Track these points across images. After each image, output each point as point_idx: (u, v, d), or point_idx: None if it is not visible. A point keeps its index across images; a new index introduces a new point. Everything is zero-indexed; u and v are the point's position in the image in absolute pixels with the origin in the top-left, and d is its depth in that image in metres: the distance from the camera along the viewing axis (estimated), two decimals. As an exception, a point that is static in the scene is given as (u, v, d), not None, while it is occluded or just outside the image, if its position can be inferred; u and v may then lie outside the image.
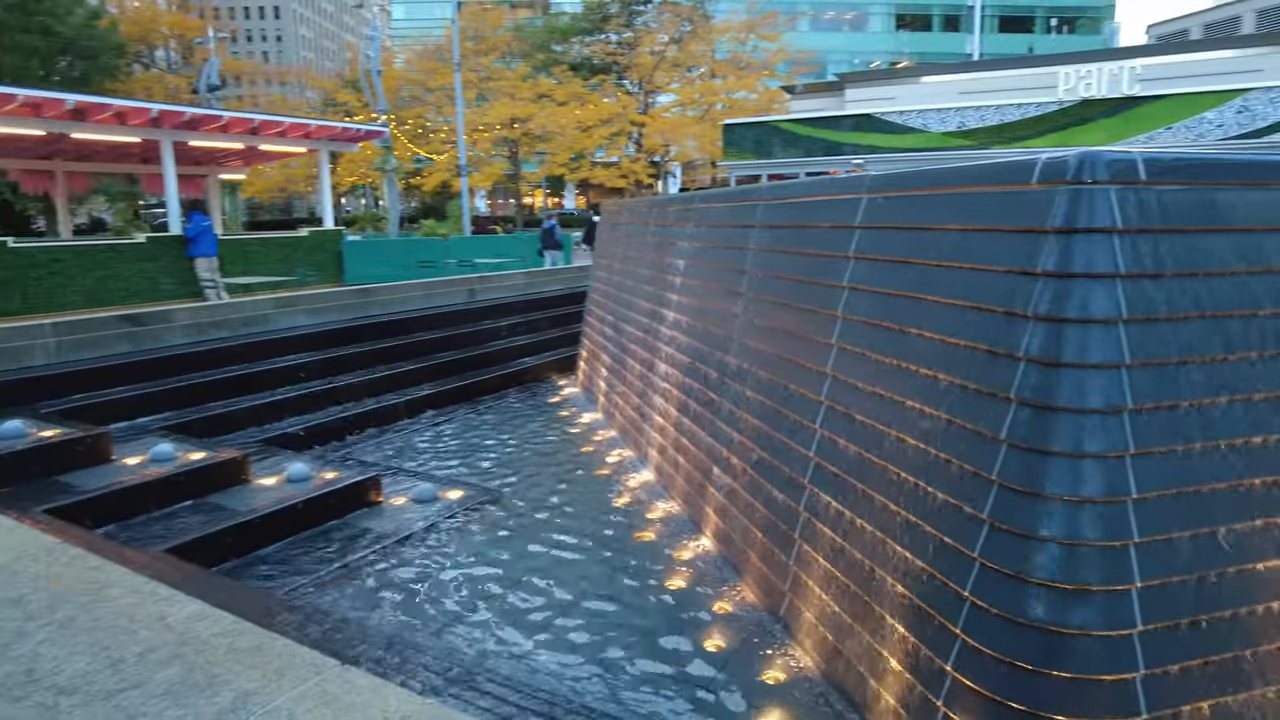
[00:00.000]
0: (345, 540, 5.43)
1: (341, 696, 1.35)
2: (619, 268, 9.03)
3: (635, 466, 6.97)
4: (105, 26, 43.24)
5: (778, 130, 27.57)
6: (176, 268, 12.72)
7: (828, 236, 4.17)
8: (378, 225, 22.91)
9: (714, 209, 6.20)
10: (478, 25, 43.63)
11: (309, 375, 8.57)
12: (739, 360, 5.15)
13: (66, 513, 4.81)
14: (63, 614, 1.68)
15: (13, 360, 7.01)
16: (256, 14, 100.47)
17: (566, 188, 57.93)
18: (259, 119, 14.04)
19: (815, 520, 3.92)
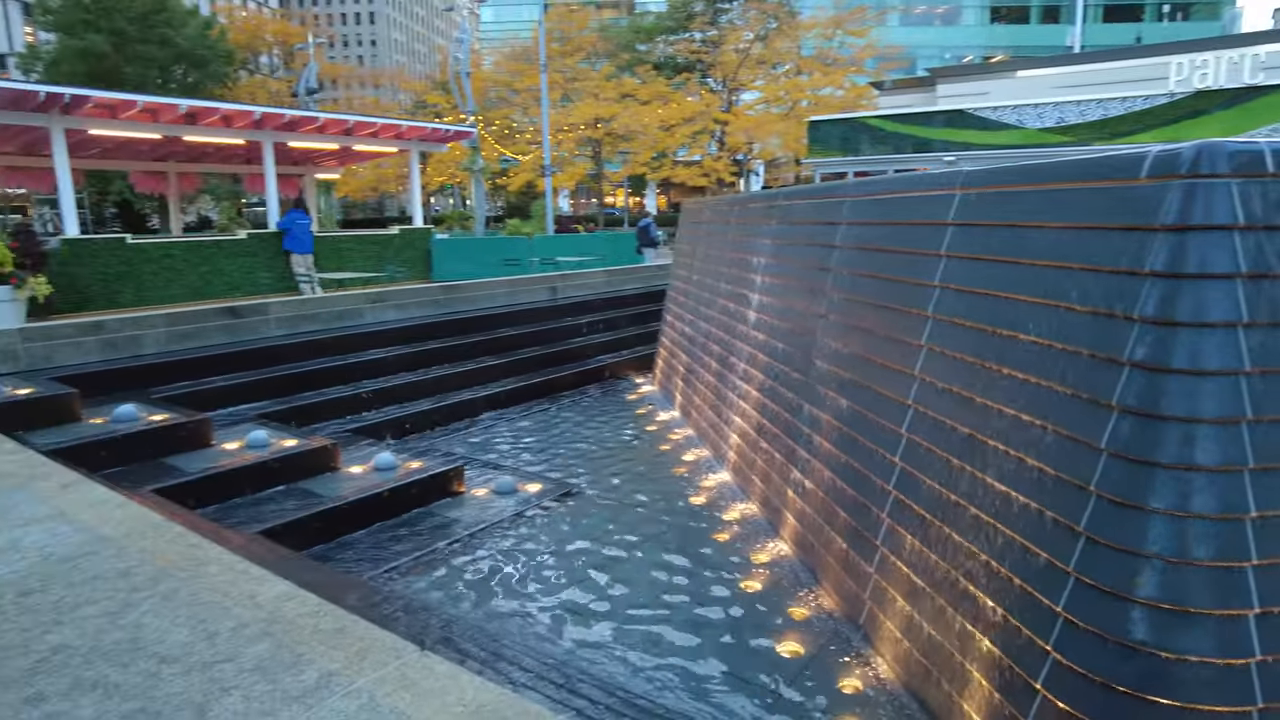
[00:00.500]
0: (428, 528, 5.56)
1: (419, 681, 1.37)
2: (699, 266, 8.98)
3: (712, 466, 6.93)
4: (216, 36, 45.64)
5: (865, 127, 26.97)
6: (274, 263, 13.31)
7: (918, 234, 4.03)
8: (465, 224, 23.44)
9: (798, 206, 6.09)
10: (564, 27, 44.22)
11: (396, 368, 8.83)
12: (822, 361, 5.04)
13: (171, 493, 5.08)
14: (165, 587, 1.75)
15: (128, 349, 7.46)
16: (353, 20, 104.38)
17: (648, 187, 58.10)
18: (353, 120, 14.56)
19: (899, 527, 3.80)
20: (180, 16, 43.30)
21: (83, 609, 1.70)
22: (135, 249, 12.01)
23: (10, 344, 6.79)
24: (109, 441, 5.60)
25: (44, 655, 1.54)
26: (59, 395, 6.00)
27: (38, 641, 1.59)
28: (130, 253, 11.94)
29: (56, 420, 5.94)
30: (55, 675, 1.48)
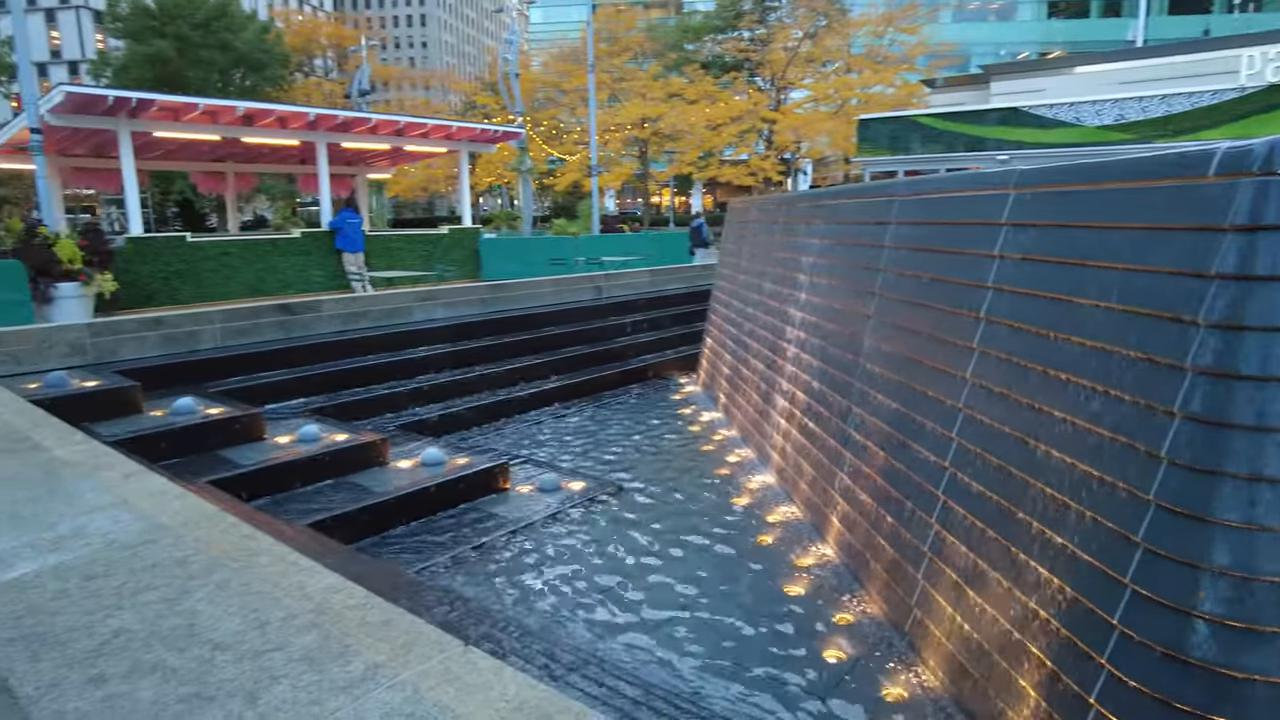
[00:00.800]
0: (473, 524, 5.63)
1: (463, 676, 1.38)
2: (745, 266, 8.93)
3: (756, 468, 6.88)
4: (272, 40, 46.83)
5: (916, 125, 26.52)
6: (327, 261, 13.61)
7: (970, 234, 3.95)
8: (512, 224, 23.69)
9: (847, 205, 6.01)
10: (612, 27, 44.39)
11: (444, 365, 8.96)
12: (870, 363, 4.97)
13: (226, 484, 5.24)
14: (219, 576, 1.80)
15: (187, 344, 7.69)
16: (404, 22, 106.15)
17: (694, 186, 57.98)
18: (404, 121, 14.80)
19: (947, 533, 3.73)
20: (240, 21, 44.56)
21: (142, 595, 1.75)
22: (195, 247, 12.39)
23: (79, 338, 7.05)
24: (168, 433, 5.79)
25: (106, 638, 1.59)
26: (123, 388, 6.22)
27: (100, 624, 1.65)
28: (190, 251, 12.32)
29: (120, 412, 6.16)
30: (116, 657, 1.53)
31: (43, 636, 1.62)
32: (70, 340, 7.03)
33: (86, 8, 66.85)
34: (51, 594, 1.81)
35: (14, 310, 9.82)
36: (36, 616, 1.70)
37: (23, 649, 1.58)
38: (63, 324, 7.31)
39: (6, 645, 1.59)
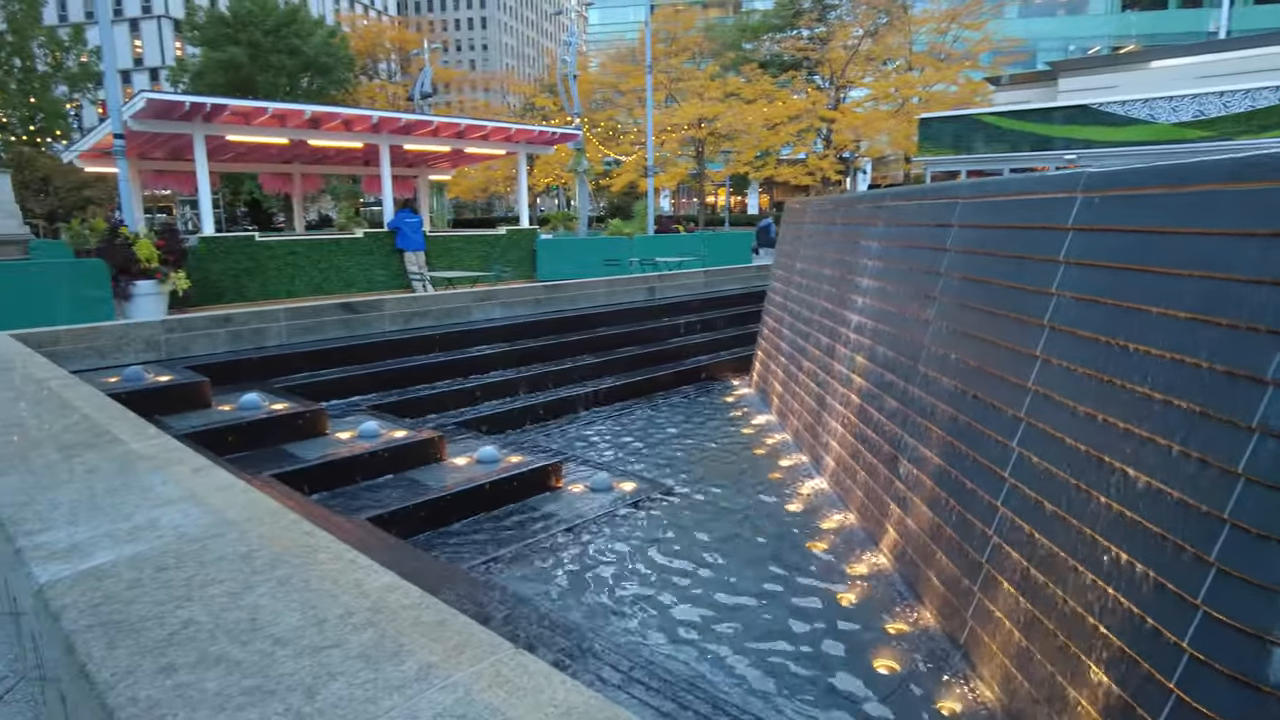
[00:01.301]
0: (526, 522, 5.69)
1: (513, 679, 1.40)
2: (800, 268, 8.84)
3: (809, 473, 6.80)
4: (339, 44, 48.08)
5: (980, 124, 25.87)
6: (389, 261, 13.92)
7: (1035, 238, 3.84)
8: (568, 224, 23.90)
9: (907, 207, 5.90)
10: (670, 27, 44.38)
11: (500, 365, 9.09)
12: (929, 368, 4.87)
13: (289, 478, 5.40)
14: (281, 572, 1.85)
15: (253, 340, 7.96)
16: (466, 25, 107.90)
17: (750, 186, 57.62)
18: (465, 124, 15.05)
19: (1006, 545, 3.63)
20: (308, 27, 45.92)
21: (209, 588, 1.82)
22: (263, 246, 12.81)
23: (154, 335, 7.35)
24: (235, 427, 5.99)
25: (176, 628, 1.66)
26: (193, 383, 6.46)
27: (171, 615, 1.71)
28: (258, 250, 12.74)
29: (190, 406, 6.40)
30: (185, 648, 1.59)
31: (119, 624, 1.70)
32: (146, 336, 7.33)
33: (167, 17, 69.72)
34: (126, 583, 1.89)
35: (98, 306, 10.31)
36: (112, 605, 1.79)
37: (100, 635, 1.66)
38: (140, 321, 7.63)
39: (85, 632, 1.67)
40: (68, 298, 10.29)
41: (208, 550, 2.04)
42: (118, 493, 2.54)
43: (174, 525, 2.22)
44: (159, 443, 3.12)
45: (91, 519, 2.32)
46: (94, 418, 3.60)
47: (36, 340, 6.72)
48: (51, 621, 1.79)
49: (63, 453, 3.04)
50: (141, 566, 1.98)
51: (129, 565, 1.99)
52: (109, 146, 13.21)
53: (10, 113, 41.67)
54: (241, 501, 2.41)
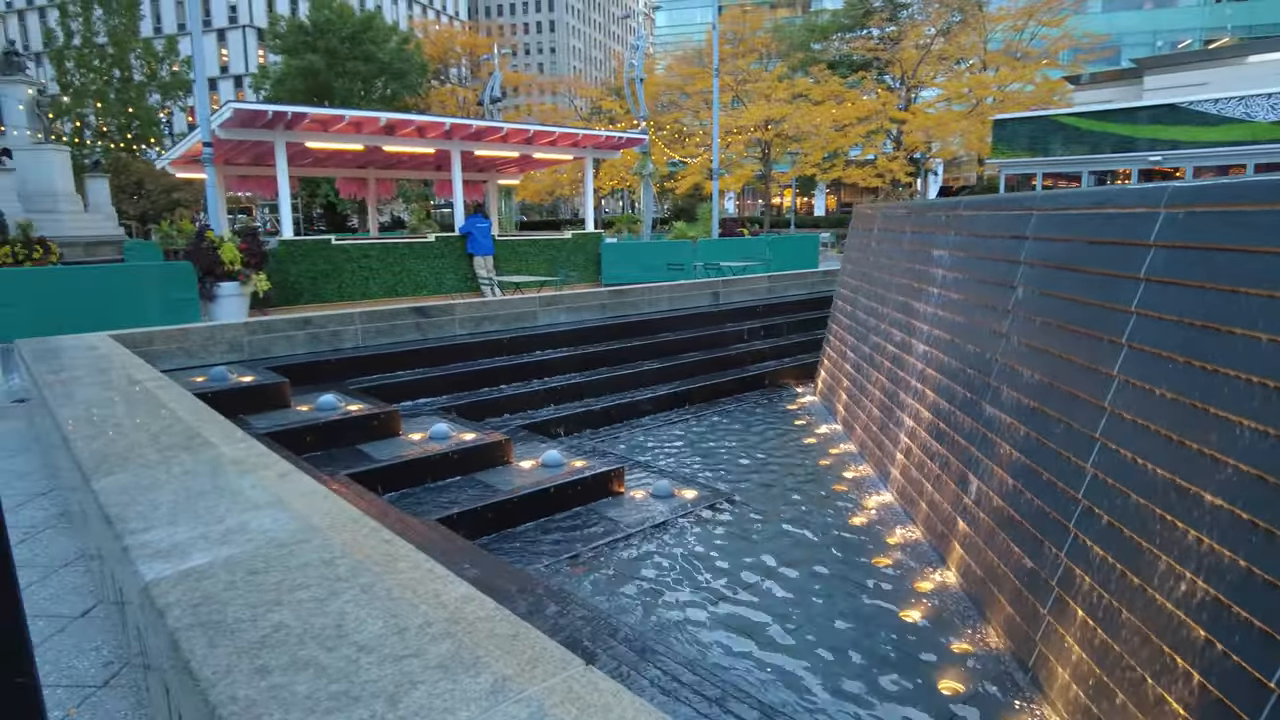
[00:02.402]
0: (589, 526, 5.77)
1: (584, 695, 1.45)
2: (869, 275, 8.72)
3: (875, 485, 6.72)
4: (412, 50, 49.30)
5: (1058, 125, 25.05)
6: (459, 264, 14.24)
7: (1114, 254, 3.73)
8: (633, 227, 24.05)
9: (981, 217, 5.78)
10: (737, 28, 44.18)
11: (565, 369, 9.23)
12: (1001, 383, 4.77)
13: (363, 478, 5.59)
14: (363, 580, 1.95)
15: (330, 343, 8.26)
16: (534, 29, 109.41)
17: (817, 187, 56.93)
18: (533, 130, 15.29)
19: (1078, 569, 3.54)
20: (383, 34, 47.23)
21: (297, 593, 1.92)
22: (339, 250, 13.26)
23: (237, 336, 7.70)
24: (313, 427, 6.23)
25: (268, 631, 1.76)
26: (273, 384, 6.74)
27: (263, 618, 1.82)
28: (334, 253, 13.19)
29: (271, 405, 6.68)
30: (276, 650, 1.69)
31: (217, 625, 1.81)
32: (230, 338, 7.69)
33: (251, 26, 72.67)
34: (223, 585, 2.01)
35: (186, 307, 10.84)
36: (211, 605, 1.91)
37: (201, 635, 1.77)
38: (224, 323, 8.00)
39: (188, 630, 1.79)
40: (159, 298, 10.85)
41: (294, 555, 2.16)
42: (210, 495, 2.70)
43: (263, 530, 2.35)
44: (246, 446, 3.29)
45: (188, 520, 2.47)
46: (186, 420, 3.81)
47: (132, 340, 7.11)
48: (157, 617, 1.93)
49: (161, 454, 3.23)
50: (235, 569, 2.10)
51: (224, 567, 2.12)
52: (198, 154, 13.86)
53: (110, 121, 44.03)
54: (324, 508, 2.54)
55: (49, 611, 3.31)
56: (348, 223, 47.68)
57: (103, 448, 3.34)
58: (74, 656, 2.96)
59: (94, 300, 10.22)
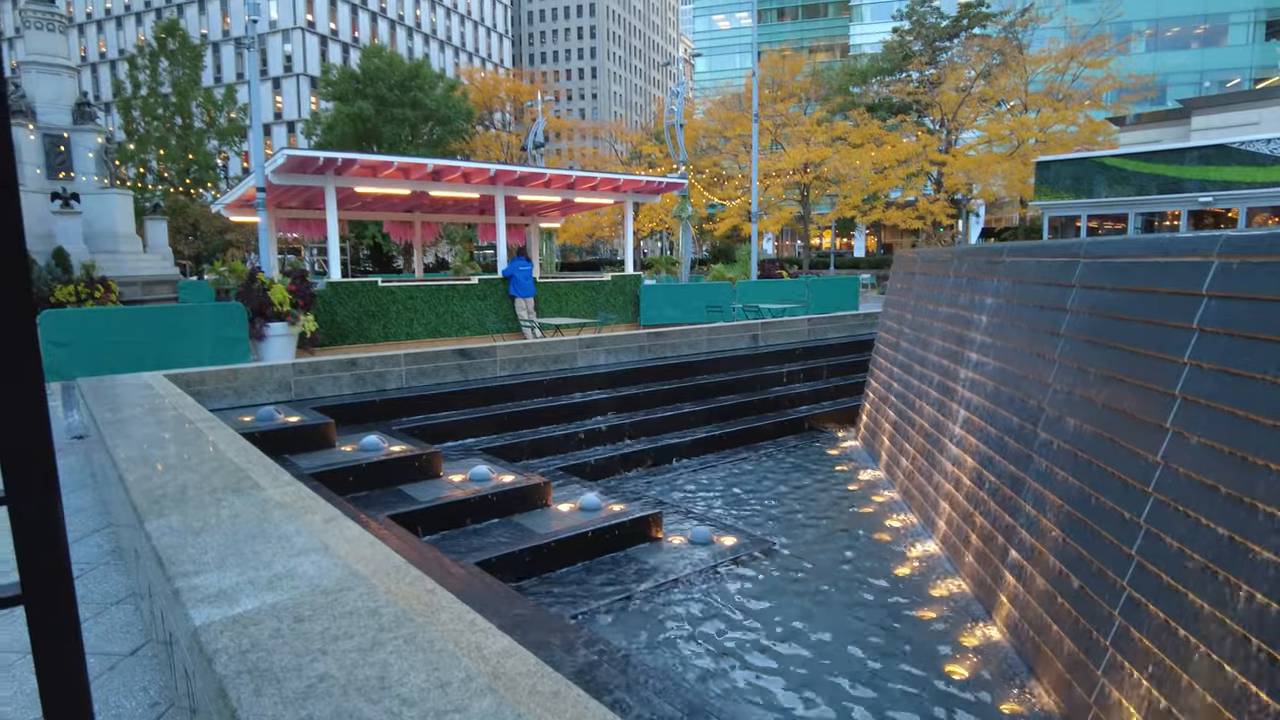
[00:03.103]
0: (626, 573, 5.73)
1: (626, 759, 1.43)
2: (911, 319, 8.65)
3: (918, 534, 6.58)
4: (458, 96, 50.70)
5: (1102, 166, 24.76)
6: (500, 306, 14.45)
7: (1164, 303, 3.66)
8: (671, 269, 24.21)
9: (1025, 263, 5.72)
10: (776, 73, 44.68)
11: (603, 410, 9.25)
12: (1049, 433, 4.67)
13: (404, 519, 5.65)
14: (406, 630, 1.96)
15: (375, 384, 8.41)
16: (576, 75, 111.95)
17: (857, 228, 56.85)
18: (575, 175, 15.56)
19: (1134, 629, 3.41)
20: (430, 80, 48.70)
21: (341, 642, 1.94)
22: (385, 291, 13.55)
23: (285, 376, 7.89)
24: (355, 468, 6.32)
25: (313, 681, 1.78)
26: (319, 424, 6.87)
27: (308, 667, 1.84)
28: (381, 294, 13.48)
29: (316, 445, 6.80)
30: (321, 701, 1.71)
31: (264, 673, 1.84)
32: (278, 378, 7.87)
33: (305, 74, 75.54)
34: (269, 632, 2.04)
35: (237, 346, 11.15)
36: (258, 653, 1.93)
37: (248, 682, 1.80)
38: (273, 363, 8.18)
39: (235, 678, 1.82)
40: (211, 337, 11.19)
41: (339, 604, 2.18)
42: (258, 540, 2.75)
43: (308, 576, 2.38)
44: (293, 490, 3.35)
45: (236, 564, 2.52)
46: (235, 462, 3.90)
47: (185, 380, 7.32)
48: (205, 663, 1.96)
49: (211, 496, 3.31)
50: (281, 616, 2.13)
51: (271, 614, 2.15)
52: (251, 198, 14.36)
53: (170, 165, 45.90)
54: (368, 554, 2.57)
55: (100, 649, 3.38)
56: (393, 263, 48.75)
57: (156, 489, 3.44)
58: (123, 696, 3.01)
59: (151, 338, 10.58)
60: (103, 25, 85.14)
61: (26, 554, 0.92)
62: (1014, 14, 42.76)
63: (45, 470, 0.89)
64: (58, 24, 22.89)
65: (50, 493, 0.90)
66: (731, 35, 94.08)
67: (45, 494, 0.90)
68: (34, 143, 21.69)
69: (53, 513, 0.91)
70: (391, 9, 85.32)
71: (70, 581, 0.98)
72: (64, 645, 0.98)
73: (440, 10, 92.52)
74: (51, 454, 0.87)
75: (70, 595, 0.99)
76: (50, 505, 0.91)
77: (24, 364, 0.82)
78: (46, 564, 0.94)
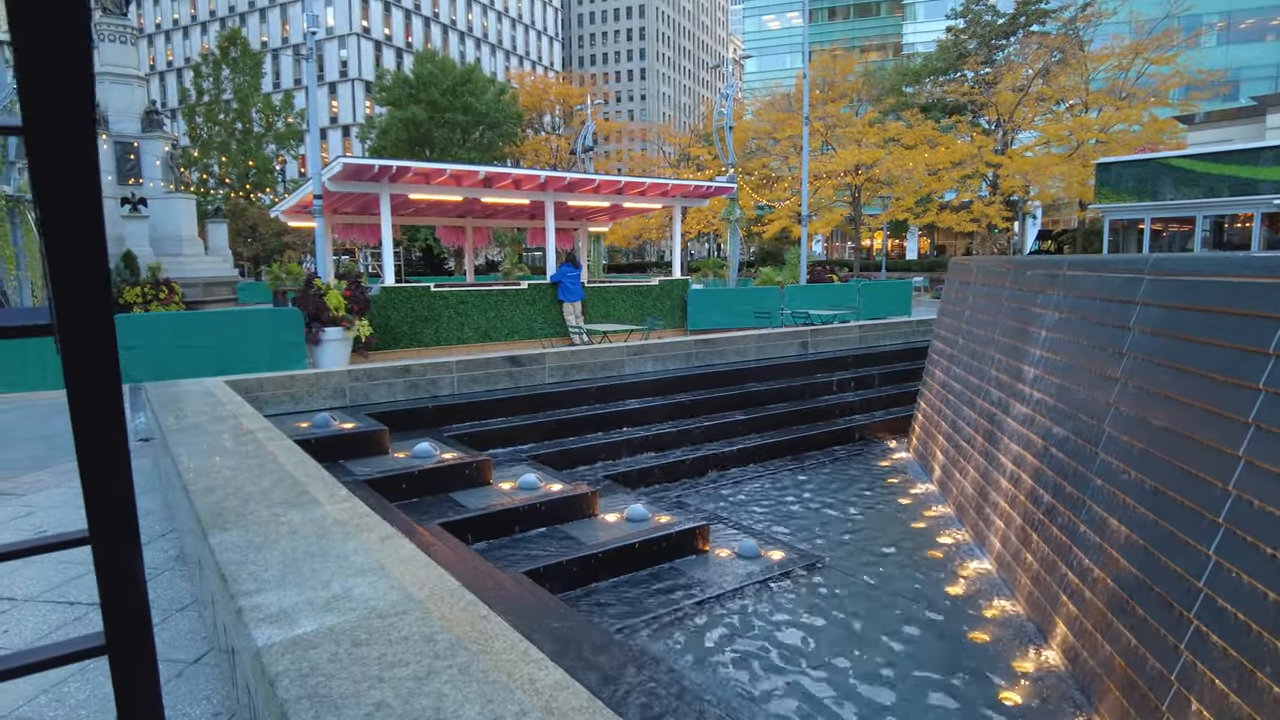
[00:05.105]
0: (672, 586, 5.73)
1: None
2: (966, 329, 8.47)
3: (972, 552, 6.44)
4: (508, 100, 51.27)
5: (1167, 168, 23.92)
6: (549, 311, 14.57)
7: (1235, 325, 3.53)
8: (719, 272, 24.12)
9: (1086, 278, 5.56)
10: (827, 74, 44.19)
11: (650, 419, 9.26)
12: (1110, 455, 4.53)
13: (453, 527, 5.73)
14: (460, 659, 1.99)
15: (428, 390, 8.55)
16: (625, 77, 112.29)
17: (909, 230, 55.89)
18: (624, 181, 15.61)
19: (1201, 664, 3.29)
20: (482, 85, 49.34)
21: (397, 669, 1.98)
22: (437, 296, 13.77)
23: (341, 383, 8.07)
24: (408, 475, 6.43)
25: (370, 709, 1.82)
26: (373, 431, 7.01)
27: (365, 694, 1.88)
28: (433, 299, 13.70)
29: (370, 452, 6.94)
30: (377, 730, 1.73)
31: (323, 698, 1.88)
32: (334, 385, 8.06)
33: (360, 80, 77.20)
34: (328, 656, 2.09)
35: (294, 351, 11.44)
36: (317, 677, 1.98)
37: (308, 708, 1.85)
38: (328, 370, 8.38)
39: (296, 703, 1.87)
40: (269, 341, 11.50)
41: (395, 629, 2.23)
42: (316, 558, 2.82)
43: (365, 599, 2.43)
44: (349, 506, 3.42)
45: (296, 583, 2.59)
46: (294, 475, 4.00)
47: (244, 386, 7.55)
48: (268, 685, 2.01)
49: (270, 510, 3.40)
50: (340, 640, 2.18)
51: (328, 637, 2.20)
52: (309, 204, 14.72)
53: (231, 170, 47.35)
54: (423, 577, 2.61)
55: (168, 656, 3.50)
56: (444, 265, 49.54)
57: (218, 502, 3.54)
58: (188, 703, 3.11)
59: (211, 341, 10.92)
60: (170, 35, 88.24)
61: (112, 603, 0.95)
62: (1075, 9, 41.57)
63: (128, 520, 0.92)
64: (129, 36, 23.79)
65: (133, 543, 0.93)
66: (782, 35, 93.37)
67: (128, 545, 0.93)
68: (107, 151, 22.60)
69: (135, 565, 0.94)
70: (444, 14, 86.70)
71: (149, 631, 1.01)
72: (144, 696, 1.01)
73: (492, 15, 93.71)
74: (134, 504, 0.90)
75: (151, 646, 1.02)
76: (133, 557, 0.93)
77: (110, 406, 0.85)
78: (129, 614, 0.97)
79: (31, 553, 1.07)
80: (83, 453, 0.83)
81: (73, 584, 4.62)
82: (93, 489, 0.86)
